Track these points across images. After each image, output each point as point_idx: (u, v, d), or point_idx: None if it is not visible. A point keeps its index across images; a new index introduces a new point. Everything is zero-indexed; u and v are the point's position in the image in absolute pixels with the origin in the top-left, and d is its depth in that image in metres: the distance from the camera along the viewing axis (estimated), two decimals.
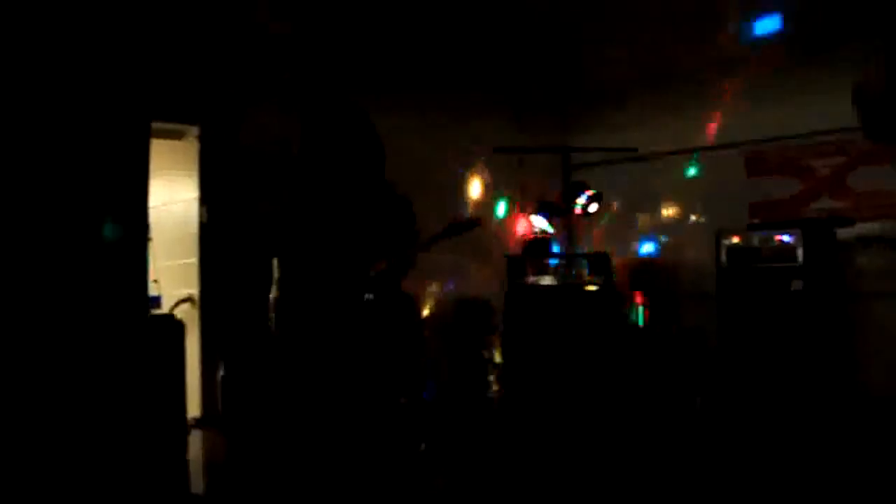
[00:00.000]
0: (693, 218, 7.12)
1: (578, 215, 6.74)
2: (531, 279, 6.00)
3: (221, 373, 4.94)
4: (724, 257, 5.70)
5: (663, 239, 7.24)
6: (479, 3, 6.15)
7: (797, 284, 5.28)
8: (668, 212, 7.27)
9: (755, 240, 5.59)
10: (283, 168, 3.17)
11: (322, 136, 3.05)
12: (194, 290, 5.61)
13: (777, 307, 5.33)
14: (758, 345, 5.34)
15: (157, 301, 4.69)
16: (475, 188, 6.87)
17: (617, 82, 7.27)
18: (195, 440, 5.30)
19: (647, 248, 7.25)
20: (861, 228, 5.80)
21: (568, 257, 6.26)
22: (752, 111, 6.64)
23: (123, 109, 4.48)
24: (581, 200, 6.67)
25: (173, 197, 5.79)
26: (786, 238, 5.44)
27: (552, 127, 7.60)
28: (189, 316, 5.50)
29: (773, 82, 6.52)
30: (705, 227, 6.87)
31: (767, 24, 6.50)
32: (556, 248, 6.78)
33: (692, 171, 7.09)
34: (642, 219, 7.35)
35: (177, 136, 5.55)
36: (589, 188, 6.67)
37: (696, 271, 6.82)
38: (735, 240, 5.66)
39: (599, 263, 5.94)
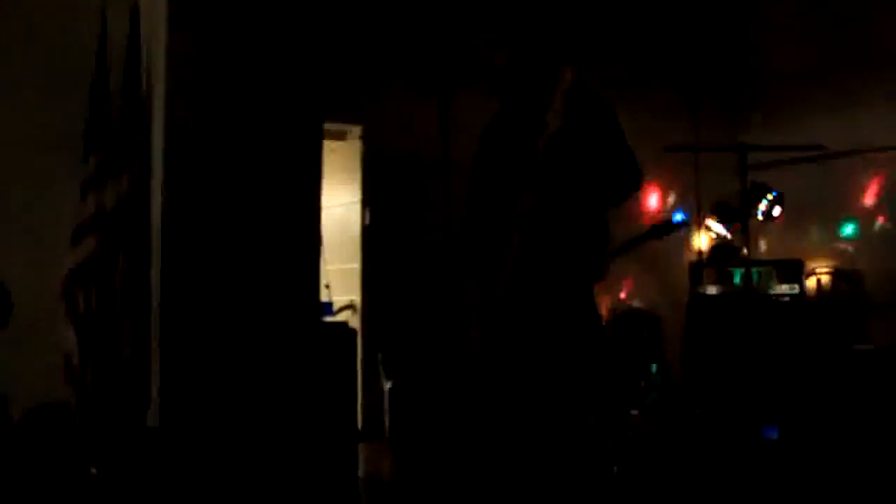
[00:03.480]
0: (883, 223, 6.45)
1: (758, 220, 6.21)
2: (713, 288, 5.50)
3: (388, 385, 4.66)
4: None
5: (850, 246, 6.57)
6: None
7: None
8: (856, 216, 6.61)
9: None
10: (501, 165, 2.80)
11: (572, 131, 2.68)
12: (356, 297, 5.39)
13: None
14: None
15: (328, 308, 4.46)
16: (649, 190, 6.44)
17: (797, 73, 6.68)
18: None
19: (834, 255, 6.59)
20: None
21: (758, 264, 5.71)
22: None
23: (296, 109, 4.29)
24: (763, 204, 6.13)
25: (333, 200, 5.59)
26: None
27: (727, 124, 7.05)
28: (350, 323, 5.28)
29: None
30: None
31: None
32: None
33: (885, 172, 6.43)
34: (827, 224, 6.69)
35: (339, 136, 5.34)
36: (771, 190, 6.13)
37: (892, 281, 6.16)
38: None
39: (791, 271, 5.39)
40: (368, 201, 5.28)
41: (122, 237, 4.05)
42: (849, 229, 6.59)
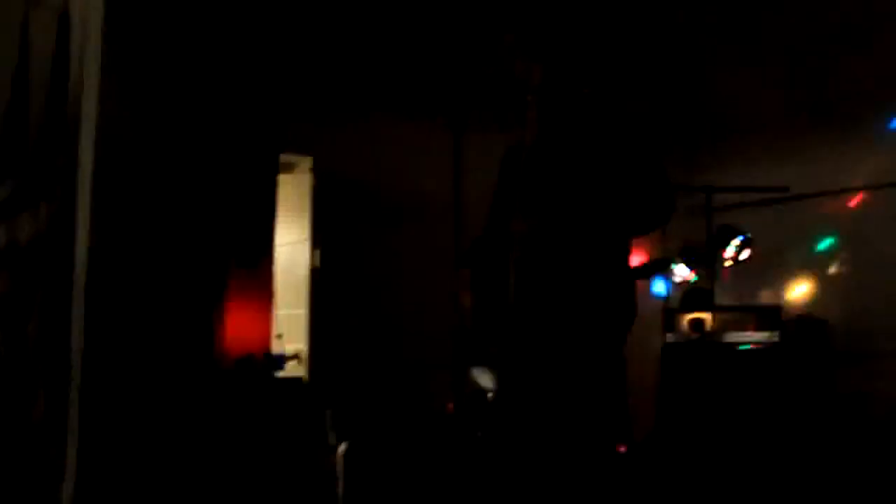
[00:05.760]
0: (848, 267, 6.26)
1: (726, 263, 5.95)
2: (686, 336, 5.18)
3: (343, 447, 4.13)
4: None
5: (817, 291, 6.36)
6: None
7: None
8: (820, 260, 6.41)
9: None
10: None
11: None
12: (302, 346, 4.85)
13: None
14: None
15: (281, 361, 3.91)
16: None
17: (757, 117, 6.49)
18: None
19: (801, 299, 6.37)
20: None
21: (734, 311, 5.41)
22: None
23: (247, 136, 3.79)
24: (731, 247, 5.87)
25: (278, 239, 5.07)
26: None
27: (690, 167, 6.80)
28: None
29: None
30: (865, 277, 6.04)
31: None
32: None
33: (851, 213, 6.27)
34: (793, 267, 6.48)
35: (286, 168, 4.83)
36: (739, 232, 5.88)
37: (860, 327, 5.95)
38: None
39: (769, 318, 5.11)
40: (319, 241, 4.77)
41: (37, 276, 3.47)
42: (814, 274, 6.39)
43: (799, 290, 6.42)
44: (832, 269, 6.37)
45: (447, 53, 4.25)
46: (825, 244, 6.43)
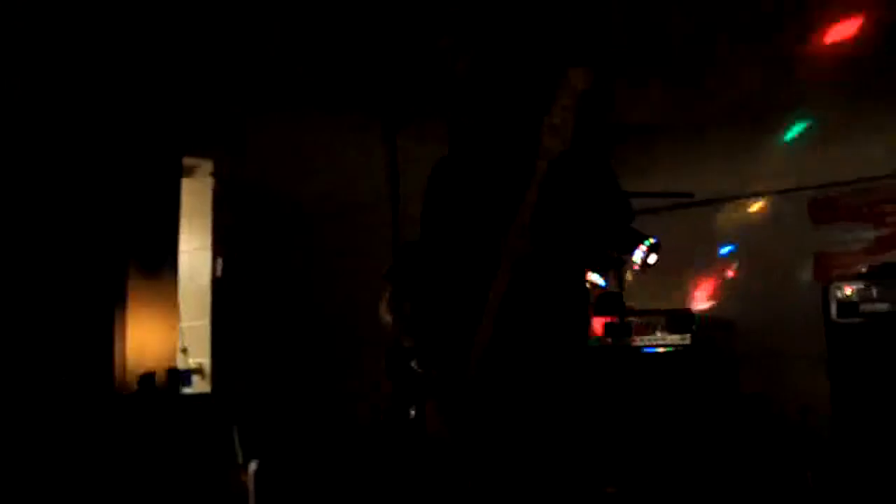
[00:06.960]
0: (753, 269, 6.39)
1: (634, 268, 5.95)
2: (601, 339, 5.16)
3: (253, 465, 3.90)
4: (834, 311, 4.89)
5: (722, 294, 6.47)
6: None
7: None
8: (727, 263, 6.53)
9: (869, 291, 4.82)
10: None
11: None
12: (204, 359, 4.57)
13: None
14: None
15: (188, 377, 3.63)
16: None
17: (650, 125, 6.56)
18: None
19: (703, 303, 6.46)
20: None
21: (648, 314, 5.41)
22: (817, 152, 6.06)
23: (147, 141, 3.53)
24: (640, 252, 5.87)
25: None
26: None
27: None
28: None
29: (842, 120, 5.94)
30: (767, 278, 6.18)
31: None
32: None
33: (751, 218, 6.41)
34: (699, 270, 6.57)
35: (186, 172, 4.57)
36: (648, 237, 5.90)
37: (762, 328, 6.07)
38: (848, 291, 4.88)
39: (681, 322, 5.13)
40: (221, 249, 4.51)
41: None
42: (719, 277, 6.50)
43: (705, 293, 6.52)
44: (735, 273, 6.49)
45: (358, 47, 4.06)
46: (728, 248, 6.55)
